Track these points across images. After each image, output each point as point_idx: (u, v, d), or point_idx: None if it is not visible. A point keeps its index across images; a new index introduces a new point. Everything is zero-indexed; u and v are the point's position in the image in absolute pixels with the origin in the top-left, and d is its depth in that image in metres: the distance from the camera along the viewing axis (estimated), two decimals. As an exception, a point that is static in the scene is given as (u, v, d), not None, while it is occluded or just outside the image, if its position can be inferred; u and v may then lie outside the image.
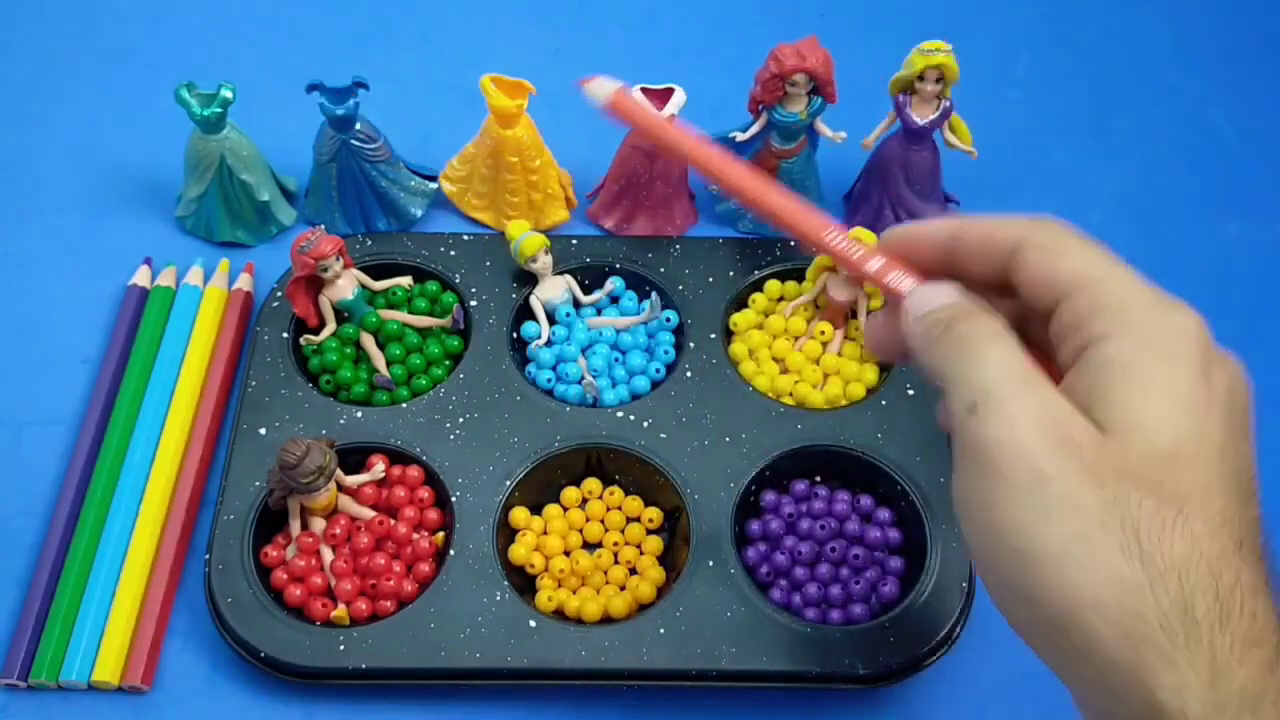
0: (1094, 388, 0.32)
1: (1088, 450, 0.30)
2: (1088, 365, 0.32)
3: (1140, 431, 0.31)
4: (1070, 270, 0.34)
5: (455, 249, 0.65)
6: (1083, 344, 0.33)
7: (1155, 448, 0.30)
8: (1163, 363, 0.31)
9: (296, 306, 0.60)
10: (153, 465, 0.58)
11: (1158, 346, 0.32)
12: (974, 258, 0.37)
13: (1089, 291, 0.33)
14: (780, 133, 0.64)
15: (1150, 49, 0.81)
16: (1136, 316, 0.32)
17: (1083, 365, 0.32)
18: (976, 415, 0.32)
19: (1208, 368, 0.32)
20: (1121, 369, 0.31)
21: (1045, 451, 0.31)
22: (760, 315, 0.64)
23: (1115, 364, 0.32)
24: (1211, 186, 0.73)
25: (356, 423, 0.58)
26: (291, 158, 0.68)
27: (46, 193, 0.70)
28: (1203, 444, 0.31)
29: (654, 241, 0.66)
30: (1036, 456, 0.31)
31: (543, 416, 0.59)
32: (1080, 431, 0.31)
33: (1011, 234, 0.36)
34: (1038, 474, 0.31)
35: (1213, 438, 0.31)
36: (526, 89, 0.62)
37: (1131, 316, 0.32)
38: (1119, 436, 0.31)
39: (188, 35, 0.78)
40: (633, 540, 0.57)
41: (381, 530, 0.55)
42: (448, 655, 0.52)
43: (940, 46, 0.61)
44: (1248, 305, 0.68)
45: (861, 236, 0.59)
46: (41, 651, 0.53)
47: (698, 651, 0.52)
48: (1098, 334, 0.32)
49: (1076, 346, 0.33)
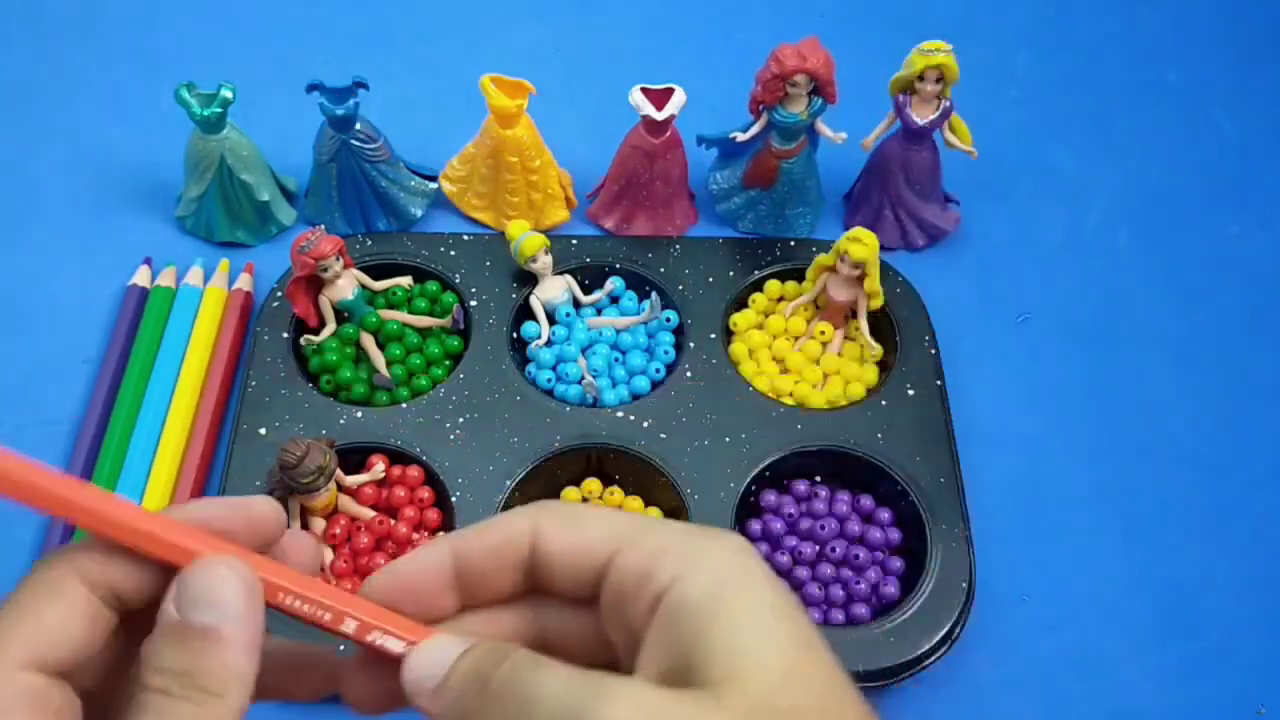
0: (684, 643, 0.28)
1: (705, 717, 0.27)
2: (667, 622, 0.29)
3: (750, 667, 0.28)
4: (602, 535, 0.30)
5: (455, 249, 0.65)
6: (652, 597, 0.29)
7: (770, 677, 0.27)
8: (741, 591, 0.29)
9: (296, 306, 0.60)
10: (153, 465, 0.58)
11: (730, 577, 0.29)
12: (489, 568, 0.31)
13: (636, 545, 0.30)
14: (781, 133, 0.64)
15: (1150, 49, 0.81)
16: (696, 554, 0.29)
17: (660, 624, 0.29)
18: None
19: (777, 585, 0.29)
20: (705, 611, 0.28)
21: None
22: (760, 315, 0.64)
23: (698, 607, 0.29)
24: (1211, 186, 0.73)
25: (356, 423, 0.58)
26: (291, 158, 0.68)
27: (47, 193, 0.70)
28: (809, 651, 0.28)
29: (654, 241, 0.66)
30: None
31: (543, 416, 0.59)
32: (686, 708, 0.27)
33: (521, 525, 0.31)
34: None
35: (815, 644, 0.28)
36: (526, 89, 0.62)
37: (689, 555, 0.29)
38: (731, 682, 0.27)
39: (188, 35, 0.78)
40: (633, 540, 0.57)
41: (381, 530, 0.55)
42: (448, 655, 0.52)
43: (940, 46, 0.61)
44: (1248, 305, 0.68)
45: (861, 236, 0.59)
46: (41, 651, 0.52)
47: (698, 651, 0.52)
48: (667, 580, 0.29)
49: (650, 600, 0.29)
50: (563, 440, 0.58)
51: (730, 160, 0.67)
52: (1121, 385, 0.64)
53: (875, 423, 0.59)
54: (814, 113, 0.63)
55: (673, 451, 0.58)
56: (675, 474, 0.57)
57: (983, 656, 0.55)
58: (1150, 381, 0.64)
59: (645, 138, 0.63)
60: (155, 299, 0.63)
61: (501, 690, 0.28)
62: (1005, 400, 0.63)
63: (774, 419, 0.59)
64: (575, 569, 0.31)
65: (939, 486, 0.57)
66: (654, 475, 0.57)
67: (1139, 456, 0.62)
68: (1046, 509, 0.60)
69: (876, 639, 0.52)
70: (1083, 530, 0.59)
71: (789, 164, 0.65)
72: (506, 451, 0.58)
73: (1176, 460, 0.62)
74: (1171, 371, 0.65)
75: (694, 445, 0.58)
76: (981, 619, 0.54)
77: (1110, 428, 0.63)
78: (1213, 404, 0.64)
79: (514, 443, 0.58)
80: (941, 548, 0.55)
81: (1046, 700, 0.54)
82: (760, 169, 0.66)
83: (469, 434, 0.58)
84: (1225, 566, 0.58)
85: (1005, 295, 0.68)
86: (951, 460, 0.58)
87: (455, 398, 0.59)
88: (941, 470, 0.57)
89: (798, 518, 0.57)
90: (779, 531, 0.56)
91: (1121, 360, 0.65)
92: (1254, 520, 0.60)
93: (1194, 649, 0.56)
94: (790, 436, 0.58)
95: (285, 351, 0.61)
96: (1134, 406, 0.64)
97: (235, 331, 0.63)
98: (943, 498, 0.56)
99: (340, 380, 0.60)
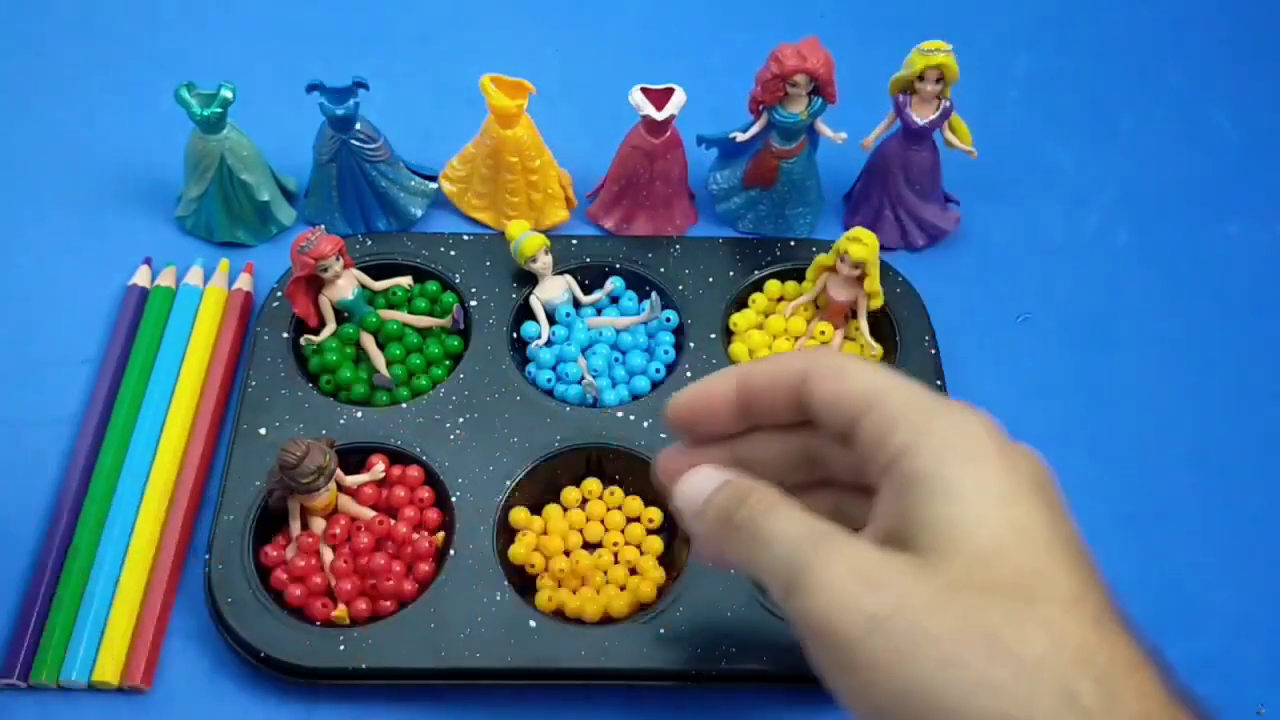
0: (907, 511, 0.31)
1: (912, 581, 0.30)
2: (897, 483, 0.32)
3: (962, 538, 0.30)
4: (858, 390, 0.34)
5: (455, 249, 0.65)
6: (888, 460, 0.32)
7: (979, 549, 0.30)
8: (965, 466, 0.31)
9: (296, 306, 0.60)
10: (153, 465, 0.58)
11: (958, 451, 0.32)
12: (765, 400, 0.37)
13: (880, 408, 0.33)
14: (781, 133, 0.64)
15: (1150, 49, 0.81)
16: (930, 425, 0.32)
17: (892, 483, 0.32)
18: (794, 595, 0.31)
19: (1009, 460, 0.32)
20: (928, 482, 0.31)
21: (874, 599, 0.30)
22: (760, 315, 0.64)
23: (922, 478, 0.31)
24: (1211, 186, 0.73)
25: (356, 423, 0.58)
26: (291, 158, 0.68)
27: (47, 193, 0.70)
28: (1025, 532, 0.30)
29: (654, 241, 0.66)
30: (867, 604, 0.30)
31: (543, 416, 0.59)
32: (894, 571, 0.30)
33: (794, 367, 0.36)
34: (876, 620, 0.30)
35: (1033, 522, 0.31)
36: (526, 89, 0.62)
37: (925, 426, 0.32)
38: (942, 551, 0.30)
39: (188, 35, 0.79)
40: (633, 540, 0.57)
41: (381, 530, 0.55)
42: (448, 655, 0.52)
43: (940, 46, 0.61)
44: (1248, 305, 0.68)
45: (862, 236, 0.59)
46: (41, 651, 0.52)
47: (698, 651, 0.52)
48: (898, 449, 0.32)
49: (882, 464, 0.33)
50: (563, 440, 0.58)
51: (730, 160, 0.67)
52: (1121, 385, 0.64)
53: (875, 423, 0.59)
54: (814, 113, 0.63)
55: (673, 451, 0.58)
56: (675, 474, 0.57)
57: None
58: (1150, 381, 0.64)
59: (645, 138, 0.63)
60: (155, 299, 0.63)
61: (741, 527, 0.34)
62: (1005, 400, 0.63)
63: (774, 419, 0.59)
64: (834, 416, 0.35)
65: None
66: (654, 475, 0.57)
67: (1139, 456, 0.62)
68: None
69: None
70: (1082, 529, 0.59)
71: (789, 164, 0.65)
72: (506, 451, 0.58)
73: (1177, 460, 0.62)
74: (1171, 371, 0.65)
75: (694, 445, 0.58)
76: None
77: (1110, 427, 0.63)
78: (1213, 404, 0.64)
79: (514, 443, 0.58)
80: (941, 548, 0.55)
81: (1046, 700, 0.54)
82: (760, 169, 0.66)
83: (469, 434, 0.58)
84: (1225, 566, 0.58)
85: (1005, 295, 0.68)
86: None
87: (455, 398, 0.59)
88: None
89: (798, 518, 0.56)
90: (779, 531, 0.56)
91: (1121, 360, 0.65)
92: (1254, 520, 0.60)
93: (1194, 649, 0.56)
94: (790, 436, 0.58)
95: (285, 351, 0.61)
96: (1134, 406, 0.64)
97: (235, 331, 0.63)
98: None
99: (340, 380, 0.60)
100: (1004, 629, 0.29)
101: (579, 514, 0.57)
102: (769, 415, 0.37)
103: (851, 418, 0.34)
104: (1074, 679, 0.28)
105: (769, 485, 0.35)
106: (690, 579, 0.54)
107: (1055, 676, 0.28)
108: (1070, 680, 0.28)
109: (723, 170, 0.68)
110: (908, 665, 0.29)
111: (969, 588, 0.29)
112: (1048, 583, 0.30)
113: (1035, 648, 0.28)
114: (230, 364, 0.62)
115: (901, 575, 0.30)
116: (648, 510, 0.57)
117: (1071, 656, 0.28)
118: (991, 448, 0.32)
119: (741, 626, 0.52)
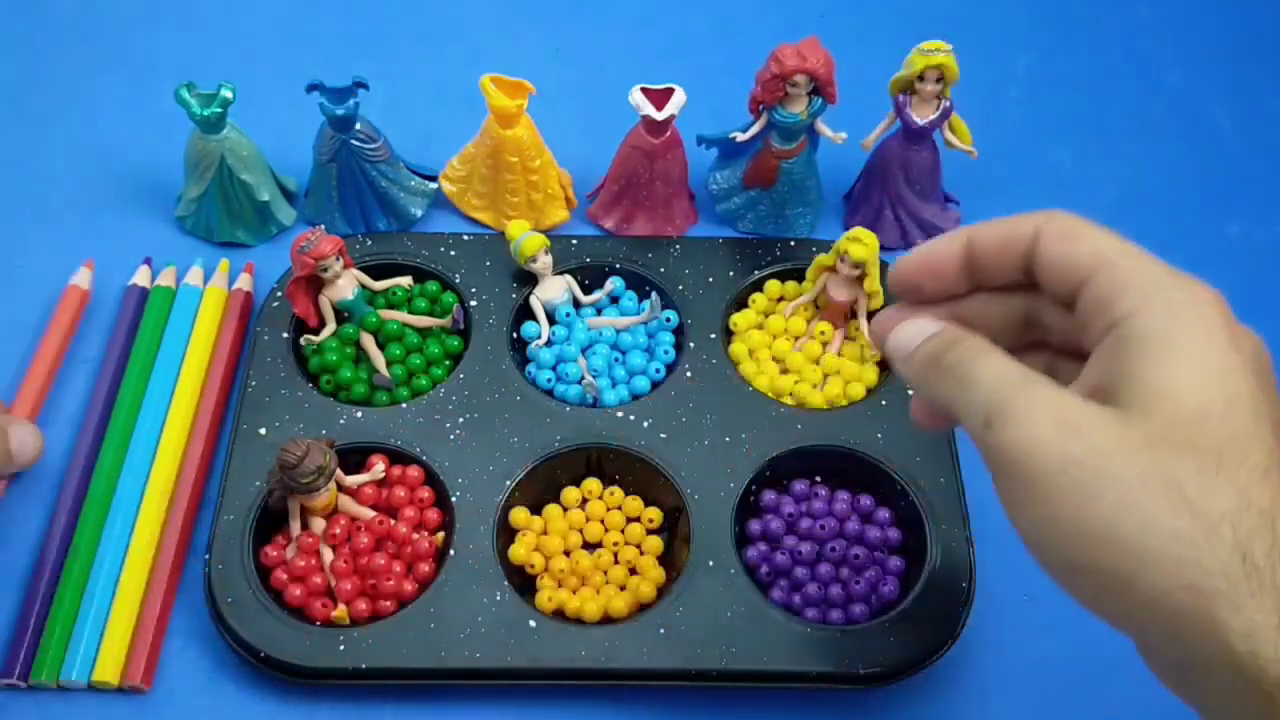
0: (1122, 364, 0.33)
1: (1111, 430, 0.32)
2: (1116, 343, 0.33)
3: (1170, 397, 0.32)
4: (1089, 253, 0.35)
5: (455, 249, 0.65)
6: (1110, 323, 0.34)
7: (1185, 409, 0.31)
8: (1188, 332, 0.32)
9: (296, 306, 0.60)
10: (153, 465, 0.58)
11: (1183, 318, 0.33)
12: (992, 259, 0.37)
13: (1109, 271, 0.34)
14: (781, 133, 0.64)
15: (1150, 49, 0.81)
16: (1159, 292, 0.33)
17: (1111, 344, 0.33)
18: (992, 428, 0.33)
19: (1233, 336, 0.33)
20: (1148, 343, 0.32)
21: (1067, 437, 0.32)
22: (760, 315, 0.64)
23: (1142, 339, 0.33)
24: (1211, 186, 0.73)
25: (356, 423, 0.58)
26: (291, 158, 0.68)
27: (46, 193, 0.70)
28: (1233, 402, 0.32)
29: (654, 241, 0.66)
30: (1061, 443, 0.32)
31: (543, 416, 0.59)
32: (1095, 419, 0.32)
33: (1028, 226, 0.36)
34: (1067, 458, 0.31)
35: (1242, 395, 0.32)
36: (526, 89, 0.62)
37: (1154, 292, 0.33)
38: (1146, 407, 0.32)
39: (188, 35, 0.78)
40: (633, 540, 0.57)
41: (381, 530, 0.55)
42: (448, 655, 0.52)
43: (940, 46, 0.61)
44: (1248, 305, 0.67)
45: (862, 236, 0.59)
46: (41, 651, 0.52)
47: (698, 651, 0.52)
48: (1124, 312, 0.33)
49: (1103, 326, 0.34)
50: (563, 440, 0.58)
51: (730, 160, 0.67)
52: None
53: (875, 423, 0.59)
54: (814, 113, 0.63)
55: (673, 451, 0.58)
56: (675, 474, 0.57)
57: (983, 656, 0.55)
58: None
59: (645, 138, 0.63)
60: (155, 299, 0.63)
61: (948, 369, 0.35)
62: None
63: (774, 419, 0.59)
64: (1062, 277, 0.35)
65: (939, 486, 0.57)
66: (654, 475, 0.57)
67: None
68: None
69: (876, 639, 0.52)
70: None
71: (789, 164, 0.65)
72: (506, 451, 0.58)
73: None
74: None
75: (694, 445, 0.58)
76: (981, 619, 0.54)
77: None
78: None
79: (514, 443, 0.58)
80: (941, 548, 0.55)
81: (1047, 700, 0.54)
82: (760, 169, 0.66)
83: (469, 434, 0.58)
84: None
85: (1005, 295, 0.68)
86: (951, 460, 0.58)
87: (455, 398, 0.59)
88: (941, 470, 0.57)
89: (797, 517, 0.57)
90: (778, 531, 0.56)
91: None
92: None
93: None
94: (790, 436, 0.58)
95: (285, 351, 0.61)
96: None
97: (235, 331, 0.63)
98: (943, 498, 0.56)
99: (340, 380, 0.60)
100: (1190, 482, 0.30)
101: (579, 514, 0.57)
102: (994, 276, 0.38)
103: (1080, 280, 0.35)
104: (1251, 538, 0.30)
105: (981, 336, 0.36)
106: (690, 579, 0.54)
107: (1232, 533, 0.30)
108: (1247, 539, 0.30)
109: (723, 170, 0.68)
110: (1090, 503, 0.31)
111: (1165, 443, 0.31)
112: (1242, 451, 0.31)
113: (1219, 504, 0.30)
114: (230, 364, 0.62)
115: (1102, 424, 0.32)
116: (648, 510, 0.57)
117: (1253, 519, 0.30)
118: (1218, 321, 0.33)
119: (741, 626, 0.52)
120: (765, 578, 0.56)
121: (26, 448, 0.56)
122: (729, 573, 0.54)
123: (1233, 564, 0.30)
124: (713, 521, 0.55)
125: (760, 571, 0.56)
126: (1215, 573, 0.30)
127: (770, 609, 0.53)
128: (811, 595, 0.55)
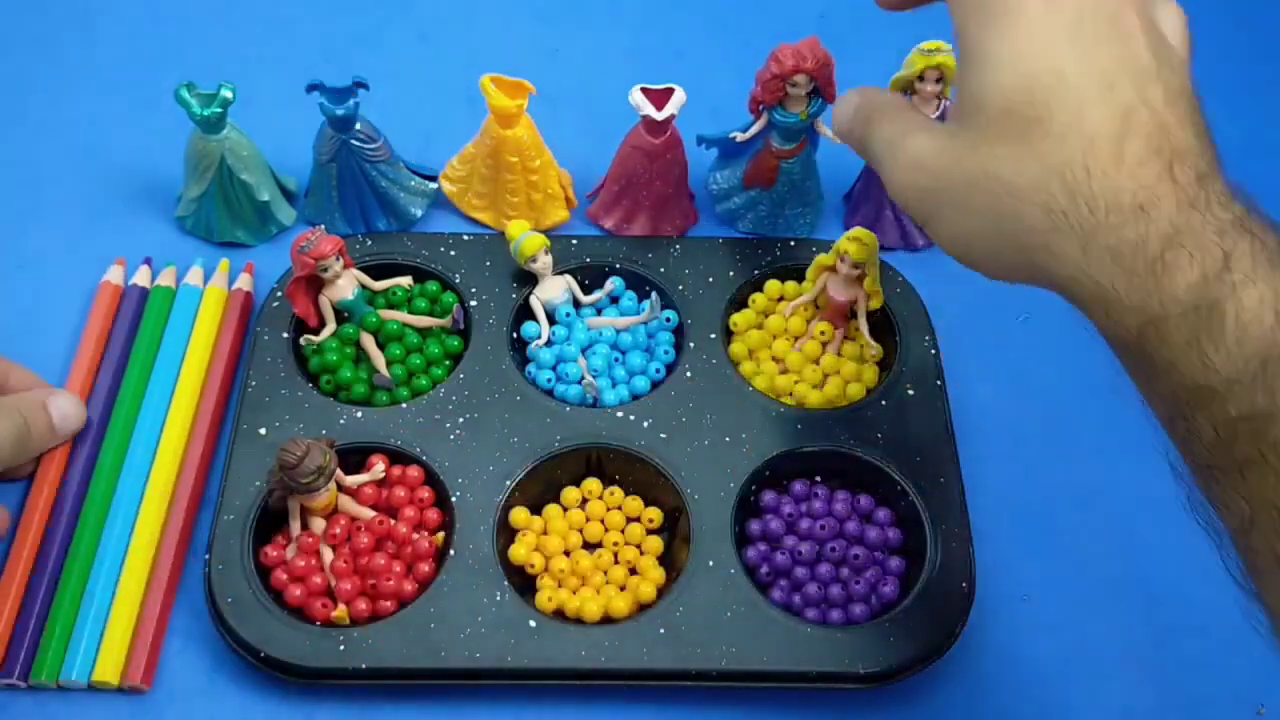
0: (959, 85, 0.40)
1: (943, 154, 0.40)
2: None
3: (983, 106, 0.38)
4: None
5: (455, 249, 0.65)
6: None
7: (993, 109, 0.38)
8: (995, 25, 0.38)
9: (296, 306, 0.60)
10: (153, 465, 0.58)
11: (990, 9, 0.38)
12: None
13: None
14: (781, 133, 0.64)
15: (1150, 49, 0.81)
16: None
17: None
18: (884, 178, 0.43)
19: (1049, 4, 0.38)
20: (965, 56, 0.39)
21: (921, 178, 0.41)
22: (760, 315, 0.64)
23: (963, 54, 0.39)
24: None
25: (356, 423, 0.58)
26: (291, 158, 0.68)
27: (46, 193, 0.70)
28: (1038, 81, 0.37)
29: (654, 241, 0.66)
30: (918, 183, 0.41)
31: (543, 416, 0.59)
32: (935, 152, 0.41)
33: None
34: (922, 193, 0.41)
35: (1053, 70, 0.37)
36: (526, 89, 0.62)
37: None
38: (966, 121, 0.39)
39: (188, 35, 0.78)
40: (633, 540, 0.57)
41: (381, 530, 0.55)
42: (448, 655, 0.52)
43: (940, 46, 0.61)
44: (1248, 305, 0.68)
45: (861, 236, 0.59)
46: (41, 651, 0.52)
47: (698, 651, 0.52)
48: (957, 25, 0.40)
49: None
50: (563, 440, 0.58)
51: (730, 160, 0.67)
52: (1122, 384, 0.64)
53: (875, 423, 0.59)
54: (814, 113, 0.63)
55: (673, 451, 0.58)
56: (675, 474, 0.57)
57: (983, 656, 0.55)
58: (1150, 381, 0.64)
59: (645, 138, 0.63)
60: (155, 299, 0.63)
61: (857, 140, 0.45)
62: (1005, 400, 0.63)
63: (774, 419, 0.59)
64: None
65: (939, 486, 0.57)
66: (654, 475, 0.57)
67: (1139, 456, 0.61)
68: (1047, 508, 0.60)
69: (876, 639, 0.52)
70: (1083, 530, 0.59)
71: (789, 164, 0.65)
72: (506, 451, 0.58)
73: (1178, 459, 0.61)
74: (1171, 371, 0.65)
75: (694, 445, 0.58)
76: (981, 619, 0.54)
77: (1111, 427, 0.62)
78: (1213, 404, 0.64)
79: (514, 443, 0.58)
80: (941, 548, 0.55)
81: (1046, 700, 0.54)
82: (760, 169, 0.66)
83: (469, 434, 0.58)
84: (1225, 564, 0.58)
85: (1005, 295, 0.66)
86: (951, 460, 0.58)
87: (455, 398, 0.59)
88: (941, 470, 0.57)
89: (797, 518, 0.57)
90: (778, 531, 0.56)
91: (1121, 360, 0.65)
92: (1254, 520, 0.60)
93: (1194, 649, 0.56)
94: (790, 436, 0.58)
95: (285, 351, 0.61)
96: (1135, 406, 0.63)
97: (235, 331, 0.63)
98: (943, 498, 0.56)
99: (340, 380, 0.60)
100: (1005, 168, 0.37)
101: (579, 514, 0.57)
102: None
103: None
104: (1069, 193, 0.36)
105: (891, 96, 0.46)
106: (690, 579, 0.54)
107: (1044, 195, 0.37)
108: (1065, 197, 0.36)
109: (723, 170, 0.68)
110: (947, 222, 0.40)
111: (981, 147, 0.38)
112: (1049, 125, 0.36)
113: (1028, 177, 0.37)
114: (230, 364, 0.62)
115: (938, 153, 0.40)
116: (648, 510, 0.57)
117: (1057, 182, 0.36)
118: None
119: (741, 626, 0.52)
120: (765, 578, 0.56)
121: (69, 420, 0.57)
122: (729, 573, 0.54)
123: (1047, 219, 0.36)
124: (713, 522, 0.55)
125: (760, 571, 0.56)
126: (1037, 229, 0.37)
127: (770, 609, 0.53)
128: (811, 595, 0.55)
